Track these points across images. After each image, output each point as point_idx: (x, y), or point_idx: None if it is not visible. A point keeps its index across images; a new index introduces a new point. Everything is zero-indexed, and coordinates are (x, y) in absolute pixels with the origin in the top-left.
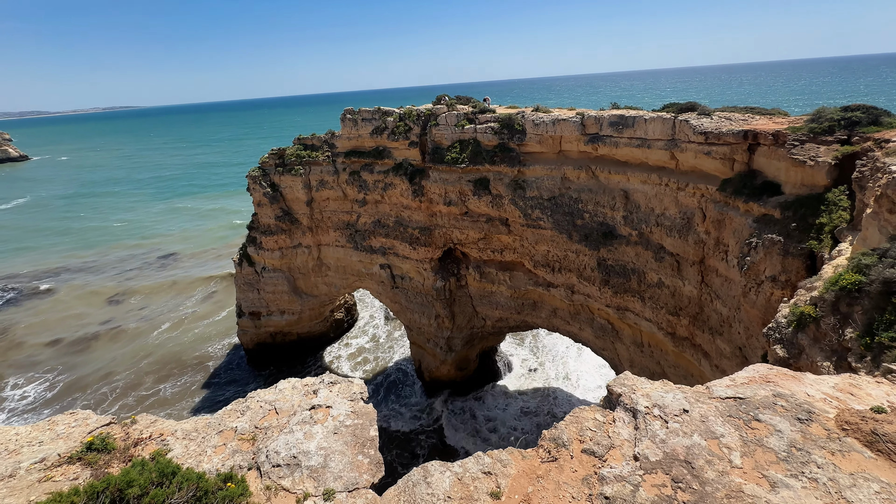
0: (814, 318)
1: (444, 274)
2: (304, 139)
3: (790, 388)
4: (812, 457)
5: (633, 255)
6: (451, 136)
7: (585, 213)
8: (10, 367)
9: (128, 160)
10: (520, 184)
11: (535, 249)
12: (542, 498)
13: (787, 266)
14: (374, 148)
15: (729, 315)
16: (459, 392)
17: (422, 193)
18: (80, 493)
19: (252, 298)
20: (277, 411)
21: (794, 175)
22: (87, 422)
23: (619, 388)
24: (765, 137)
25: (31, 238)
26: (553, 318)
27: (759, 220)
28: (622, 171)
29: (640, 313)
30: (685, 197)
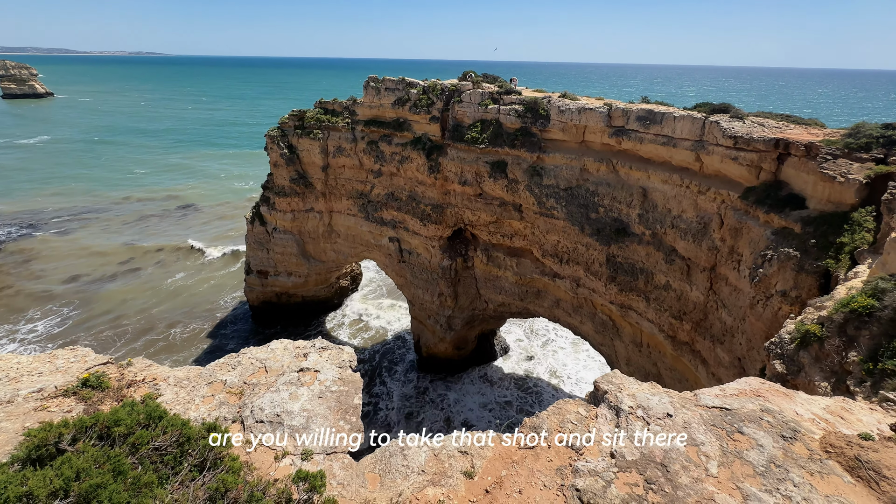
0: (818, 337)
1: (451, 253)
2: (325, 103)
3: (780, 404)
4: (790, 475)
5: (644, 255)
6: (473, 114)
7: (601, 208)
8: (29, 299)
9: (149, 108)
10: (537, 170)
11: (546, 238)
12: (515, 483)
13: (800, 282)
14: (395, 119)
15: (733, 325)
16: (453, 370)
17: (438, 170)
18: (70, 426)
19: (261, 257)
20: (267, 370)
21: (822, 190)
22: (86, 359)
23: (605, 386)
24: (796, 148)
25: (53, 176)
26: (555, 308)
27: (778, 232)
28: (643, 169)
29: (644, 313)
30: (705, 201)
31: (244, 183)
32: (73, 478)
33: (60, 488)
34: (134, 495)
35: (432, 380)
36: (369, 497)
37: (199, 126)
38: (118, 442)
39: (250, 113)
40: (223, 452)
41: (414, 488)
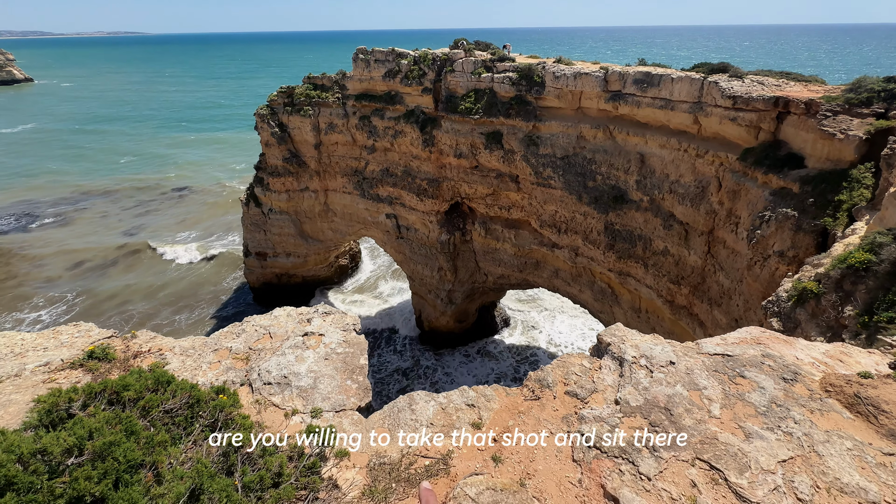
0: (815, 293)
1: (449, 228)
2: (314, 78)
3: (780, 350)
4: (791, 413)
5: (642, 222)
6: (466, 84)
7: (598, 175)
8: (32, 288)
9: (133, 92)
10: (533, 140)
11: (543, 209)
12: (522, 431)
13: (798, 242)
14: (386, 92)
15: (730, 287)
16: (455, 343)
17: (432, 143)
18: (79, 392)
19: (259, 239)
20: (271, 335)
21: (821, 148)
22: (90, 333)
23: (608, 338)
24: (796, 106)
25: (43, 165)
26: (554, 278)
27: (776, 193)
28: (641, 134)
29: (642, 279)
30: (703, 164)
31: (236, 164)
32: (86, 437)
33: (74, 445)
34: (148, 453)
35: (434, 353)
36: (380, 449)
37: (185, 109)
38: (128, 406)
39: (237, 92)
40: (234, 413)
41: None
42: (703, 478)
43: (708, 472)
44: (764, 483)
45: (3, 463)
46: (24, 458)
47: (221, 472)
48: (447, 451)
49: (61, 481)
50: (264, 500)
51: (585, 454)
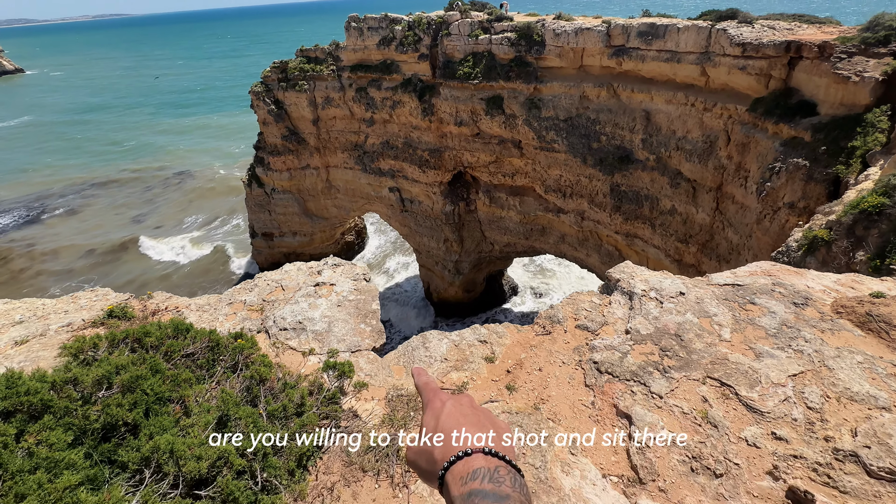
0: (826, 241)
1: (453, 198)
2: (306, 51)
3: (791, 280)
4: (801, 333)
5: (648, 181)
6: (463, 47)
7: (602, 136)
8: (50, 278)
9: (124, 78)
10: (535, 103)
11: (548, 174)
12: (534, 363)
13: (809, 192)
14: (382, 61)
15: (739, 243)
16: (465, 313)
17: (432, 112)
18: (102, 338)
19: (264, 219)
20: (283, 288)
21: (835, 93)
22: (107, 297)
23: (617, 275)
24: (809, 49)
25: (43, 157)
26: (561, 244)
27: (787, 143)
28: (646, 90)
29: (649, 240)
30: (711, 118)
31: (234, 146)
32: (114, 372)
33: (104, 377)
34: (174, 389)
35: (444, 321)
36: (397, 383)
37: (178, 93)
38: (150, 351)
39: (230, 72)
40: (253, 354)
41: (438, 373)
42: (713, 394)
43: (719, 389)
44: (774, 395)
45: (37, 389)
46: (57, 385)
47: (245, 403)
48: (462, 383)
49: (95, 409)
50: (289, 427)
51: (597, 379)
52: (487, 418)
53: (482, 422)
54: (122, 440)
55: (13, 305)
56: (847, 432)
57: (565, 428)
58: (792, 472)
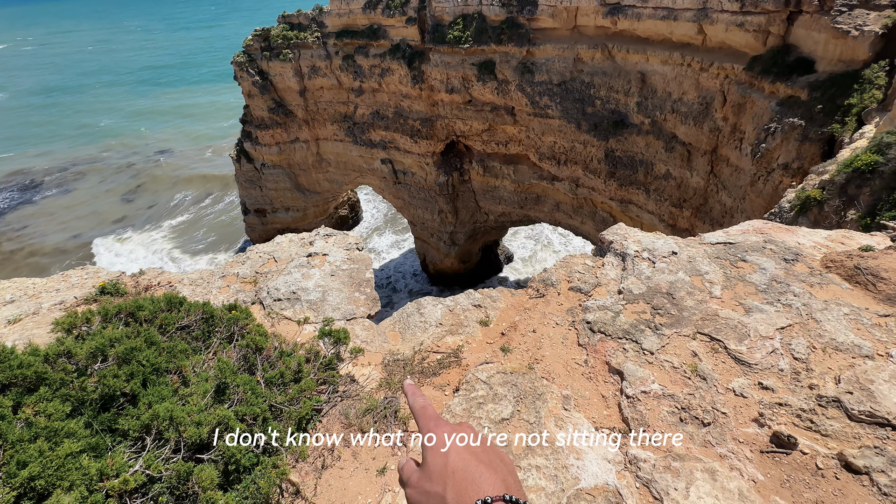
0: (819, 201)
1: (446, 169)
2: (289, 17)
3: (782, 237)
4: (791, 288)
5: (643, 146)
6: (453, 9)
7: (597, 100)
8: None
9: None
10: (528, 67)
11: (542, 141)
12: (528, 325)
13: (803, 152)
14: (368, 27)
15: (733, 206)
16: (462, 283)
17: (422, 80)
18: (95, 313)
19: (255, 195)
20: (276, 260)
21: (833, 48)
22: (98, 274)
23: (610, 237)
24: (809, 3)
25: (26, 134)
26: (555, 212)
27: (784, 102)
28: (641, 50)
29: (644, 206)
30: (707, 79)
31: (220, 120)
32: (108, 344)
33: (98, 349)
34: (170, 361)
35: (439, 290)
36: (393, 349)
37: (155, 64)
38: (144, 324)
39: (210, 41)
40: (248, 325)
41: (434, 338)
42: (703, 348)
43: (708, 343)
44: (762, 348)
45: (30, 363)
46: (51, 358)
47: (243, 371)
48: (457, 347)
49: (92, 381)
50: (287, 393)
51: (590, 338)
52: (497, 455)
53: (493, 461)
54: (122, 410)
55: (3, 285)
56: (831, 380)
57: (559, 385)
58: (777, 419)
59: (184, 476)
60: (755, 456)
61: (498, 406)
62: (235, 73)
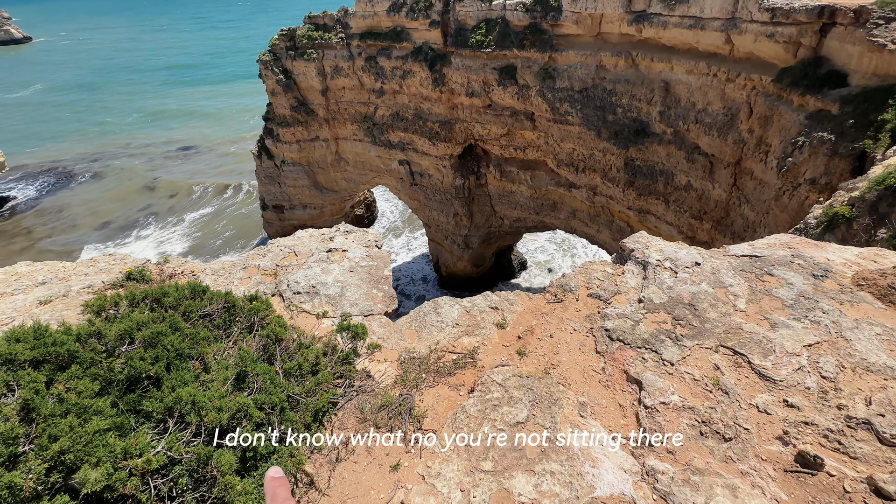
0: (847, 218)
1: (463, 172)
2: (314, 18)
3: (811, 252)
4: (819, 304)
5: (664, 156)
6: (476, 14)
7: (618, 108)
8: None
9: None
10: (549, 72)
11: (560, 147)
12: (545, 329)
13: (832, 167)
14: (392, 29)
15: (755, 220)
16: (473, 288)
17: (443, 83)
18: (122, 297)
19: (274, 192)
20: (296, 254)
21: (868, 62)
22: (125, 261)
23: (632, 244)
24: (843, 15)
25: (59, 125)
26: (571, 219)
27: (813, 116)
28: (666, 59)
29: (662, 216)
30: (733, 89)
31: (245, 116)
32: (135, 328)
33: (126, 332)
34: (193, 346)
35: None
36: (409, 346)
37: (187, 59)
38: (169, 311)
39: (237, 40)
40: (268, 316)
41: (450, 338)
42: (726, 362)
43: (731, 357)
44: (788, 364)
45: (63, 341)
46: (83, 337)
47: (262, 361)
48: (473, 348)
49: (119, 362)
50: (304, 384)
51: (609, 346)
52: None
53: None
54: (146, 392)
55: (35, 268)
56: (861, 401)
57: (575, 392)
58: (802, 438)
59: (203, 460)
60: (778, 475)
61: (513, 409)
62: (260, 71)
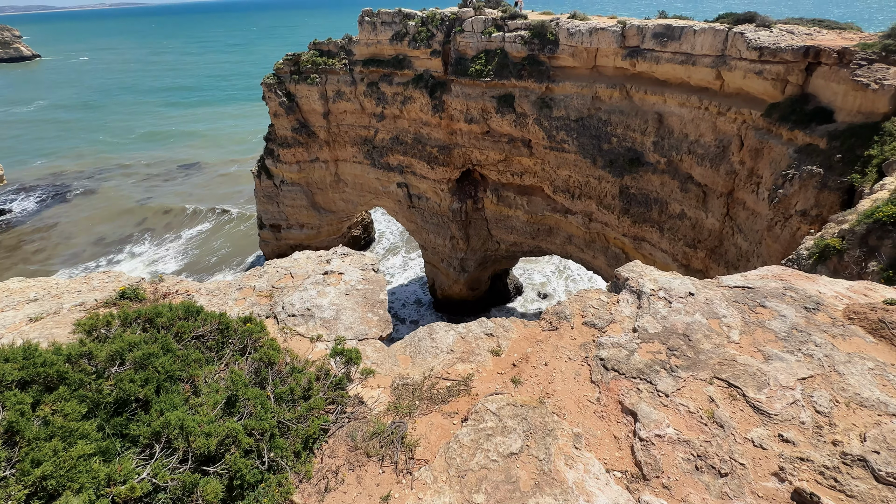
0: (838, 250)
1: (461, 196)
2: (319, 44)
3: (802, 285)
4: (812, 338)
5: (658, 185)
6: (476, 45)
7: (613, 138)
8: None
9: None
10: (546, 102)
11: (557, 174)
12: (540, 357)
13: (822, 200)
14: (394, 56)
15: (748, 249)
16: (468, 311)
17: (442, 109)
18: (115, 317)
19: (272, 211)
20: (292, 275)
21: (853, 100)
22: (119, 279)
23: (626, 273)
24: (828, 55)
25: (60, 141)
26: (567, 244)
27: (802, 150)
28: (659, 92)
29: (657, 244)
30: (725, 123)
31: (245, 137)
32: (126, 348)
33: (117, 353)
34: (184, 369)
35: (447, 318)
36: (402, 372)
37: (191, 81)
38: (161, 331)
39: (242, 63)
40: (262, 338)
41: (444, 364)
42: (720, 394)
43: (726, 389)
44: (782, 398)
45: (53, 361)
46: (73, 358)
47: (254, 385)
48: (468, 375)
49: (108, 383)
50: (296, 410)
51: (603, 375)
52: None
53: None
54: (134, 415)
55: (28, 284)
56: (856, 437)
57: (570, 422)
58: (798, 475)
59: (189, 487)
60: None
61: (507, 439)
62: (264, 94)
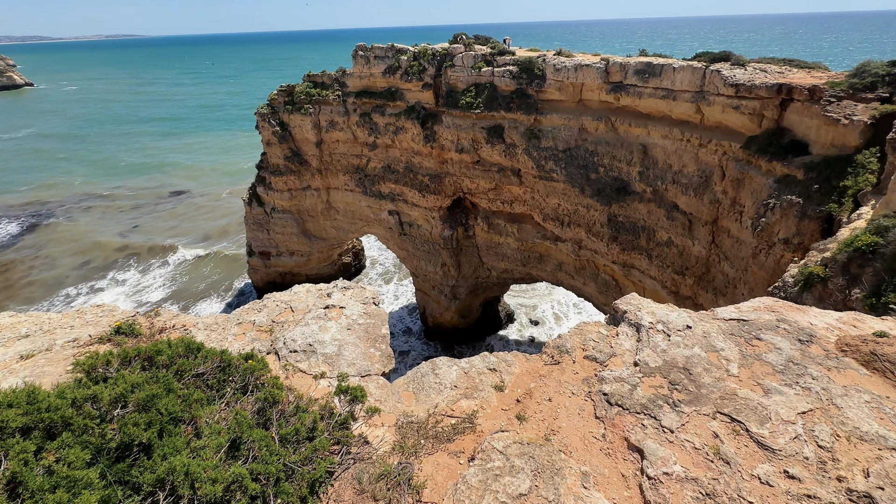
0: (822, 278)
1: (452, 223)
2: (313, 76)
3: (794, 317)
4: (808, 370)
5: (645, 213)
6: (466, 78)
7: (600, 167)
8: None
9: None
10: (535, 133)
11: (546, 202)
12: (544, 392)
13: (803, 228)
14: (387, 89)
15: (735, 276)
16: (459, 339)
17: (433, 139)
18: (114, 355)
19: (262, 238)
20: (293, 310)
21: (825, 134)
22: (114, 313)
23: (624, 306)
24: (799, 92)
25: (47, 168)
26: (558, 272)
27: (781, 180)
28: (643, 125)
29: (646, 271)
30: (706, 154)
31: (237, 164)
32: (129, 390)
33: (120, 396)
34: (186, 409)
35: (439, 346)
36: (407, 410)
37: (184, 111)
38: (161, 370)
39: (236, 94)
40: (264, 376)
41: (448, 401)
42: (724, 429)
43: (729, 424)
44: (785, 432)
45: (58, 406)
46: (78, 402)
47: (258, 426)
48: (472, 412)
49: (111, 427)
50: (300, 451)
51: (608, 411)
52: None
53: None
54: (136, 460)
55: (19, 319)
56: (859, 472)
57: (577, 460)
58: None
59: None
60: None
61: (515, 479)
62: (258, 123)
